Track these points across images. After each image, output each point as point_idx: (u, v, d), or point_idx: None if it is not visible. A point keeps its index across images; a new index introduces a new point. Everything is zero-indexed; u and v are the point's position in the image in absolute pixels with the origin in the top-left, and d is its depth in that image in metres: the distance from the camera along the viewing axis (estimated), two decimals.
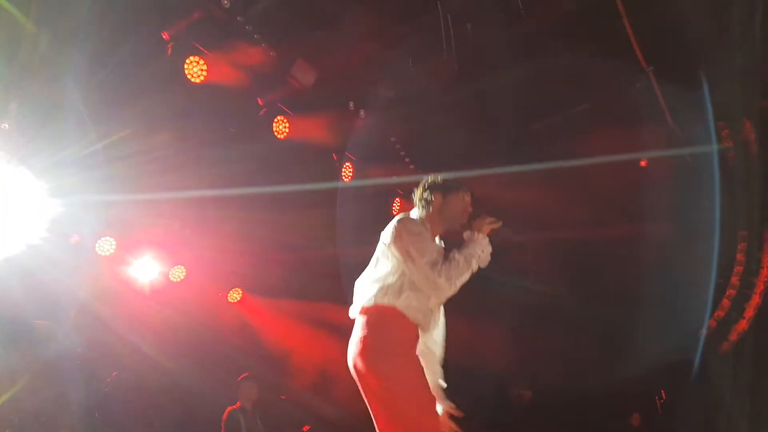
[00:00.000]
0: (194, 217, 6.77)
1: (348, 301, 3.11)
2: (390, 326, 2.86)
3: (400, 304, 2.87)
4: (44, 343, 5.93)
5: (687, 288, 7.29)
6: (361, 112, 6.97)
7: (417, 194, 3.20)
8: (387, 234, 2.99)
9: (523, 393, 8.05)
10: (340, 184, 7.30)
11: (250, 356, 7.27)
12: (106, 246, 6.34)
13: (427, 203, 3.12)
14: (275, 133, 6.57)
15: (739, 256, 7.27)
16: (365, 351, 2.83)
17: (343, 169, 7.34)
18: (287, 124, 6.63)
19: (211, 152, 6.35)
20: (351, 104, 6.93)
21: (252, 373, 6.65)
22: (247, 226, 6.83)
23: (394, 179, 7.72)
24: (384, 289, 2.90)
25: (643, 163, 7.69)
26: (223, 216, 6.68)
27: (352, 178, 7.39)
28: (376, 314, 2.91)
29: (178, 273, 6.90)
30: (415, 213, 3.17)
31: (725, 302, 7.33)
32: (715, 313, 7.37)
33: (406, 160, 7.73)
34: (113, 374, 6.61)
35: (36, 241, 5.71)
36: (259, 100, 6.49)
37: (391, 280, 2.91)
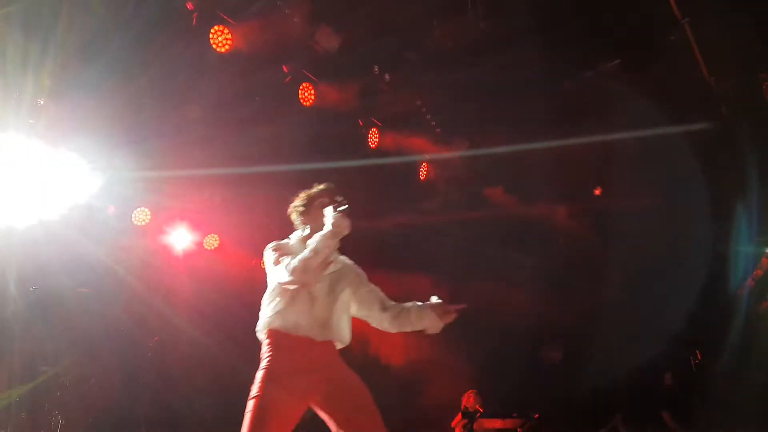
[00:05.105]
0: (225, 186, 6.88)
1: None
2: None
3: None
4: (84, 309, 6.18)
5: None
6: (387, 77, 6.89)
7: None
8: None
9: (554, 354, 8.04)
10: (367, 151, 7.28)
11: None
12: (142, 216, 6.55)
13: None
14: (301, 101, 6.58)
15: None
16: None
17: (369, 135, 7.32)
18: (313, 91, 6.63)
19: (239, 122, 6.40)
20: (376, 68, 6.85)
21: None
22: (277, 194, 6.88)
23: (421, 144, 7.67)
24: None
25: None
26: (253, 186, 6.75)
27: (378, 143, 7.37)
28: None
29: (212, 241, 7.08)
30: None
31: (765, 261, 7.14)
32: (754, 273, 7.19)
33: (433, 123, 7.64)
34: (155, 339, 6.85)
35: (75, 213, 5.91)
36: (284, 67, 6.49)
37: None
